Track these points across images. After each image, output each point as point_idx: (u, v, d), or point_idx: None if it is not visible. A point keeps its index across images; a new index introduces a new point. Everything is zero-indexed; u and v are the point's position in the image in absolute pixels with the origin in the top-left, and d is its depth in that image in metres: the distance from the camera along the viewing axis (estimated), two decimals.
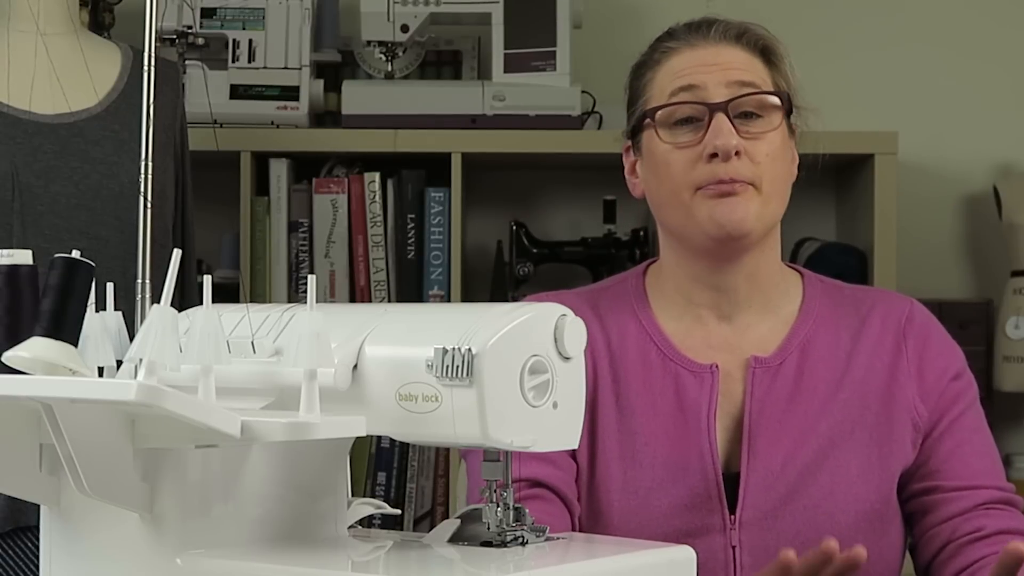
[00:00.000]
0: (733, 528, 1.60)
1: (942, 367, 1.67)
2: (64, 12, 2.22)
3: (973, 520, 1.62)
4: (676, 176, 1.61)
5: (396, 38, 2.79)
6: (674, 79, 1.63)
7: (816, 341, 1.66)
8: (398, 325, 1.22)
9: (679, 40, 1.66)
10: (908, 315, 1.69)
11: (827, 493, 1.60)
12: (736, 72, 1.62)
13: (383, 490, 2.79)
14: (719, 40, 1.64)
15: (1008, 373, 2.87)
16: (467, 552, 1.21)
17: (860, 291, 1.75)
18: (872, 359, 1.65)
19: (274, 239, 2.79)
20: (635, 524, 1.60)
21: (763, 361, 1.64)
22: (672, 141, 1.62)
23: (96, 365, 1.22)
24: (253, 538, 1.22)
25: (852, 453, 1.62)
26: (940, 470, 1.64)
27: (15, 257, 1.21)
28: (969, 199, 3.08)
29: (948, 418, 1.65)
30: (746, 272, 1.65)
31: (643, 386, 1.64)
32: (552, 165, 2.99)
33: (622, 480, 1.62)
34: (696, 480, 1.60)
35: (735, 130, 1.59)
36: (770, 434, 1.62)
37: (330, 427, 1.14)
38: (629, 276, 1.74)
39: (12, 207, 2.08)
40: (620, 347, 1.66)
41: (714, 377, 1.63)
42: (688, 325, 1.67)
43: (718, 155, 1.58)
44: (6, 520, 2.07)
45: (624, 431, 1.63)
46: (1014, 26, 3.09)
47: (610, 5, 3.06)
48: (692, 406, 1.63)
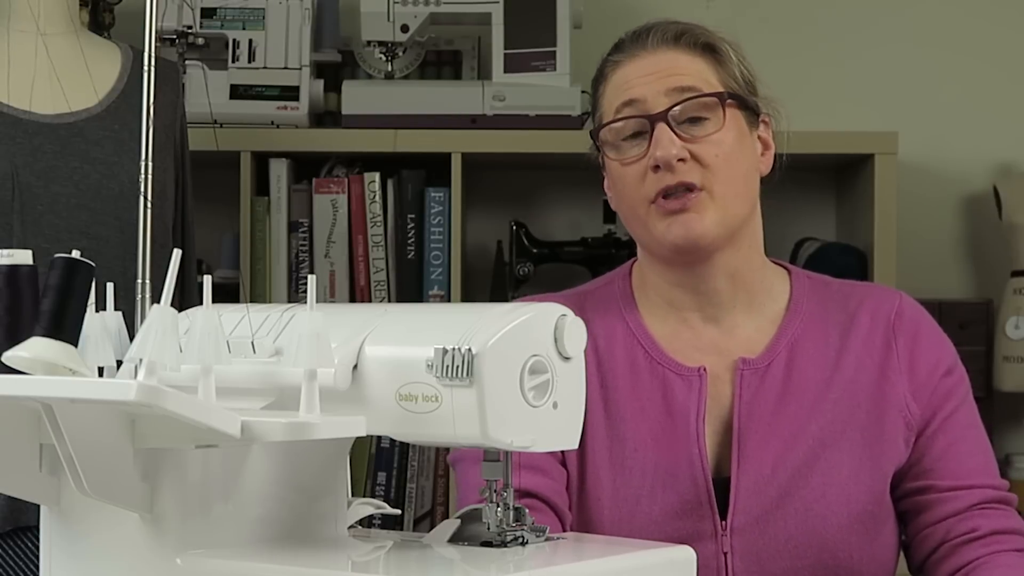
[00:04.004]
0: (725, 534, 1.58)
1: (933, 362, 1.65)
2: (64, 12, 2.22)
3: (967, 520, 1.61)
4: (630, 192, 1.61)
5: (396, 38, 2.79)
6: (618, 93, 1.63)
7: (804, 340, 1.65)
8: (398, 325, 1.22)
9: (623, 52, 1.65)
10: (897, 310, 1.67)
11: (819, 495, 1.59)
12: (675, 78, 1.60)
13: (383, 490, 2.78)
14: (658, 46, 1.63)
15: (1008, 373, 2.87)
16: (467, 552, 1.21)
17: (848, 286, 1.73)
18: (862, 357, 1.64)
19: (274, 239, 2.79)
20: (626, 531, 1.58)
21: (751, 363, 1.63)
22: (620, 158, 1.62)
23: (96, 365, 1.21)
24: (253, 538, 1.22)
25: (844, 453, 1.61)
26: (934, 469, 1.63)
27: (15, 257, 1.21)
28: (969, 199, 3.08)
29: (941, 415, 1.64)
30: (726, 272, 1.64)
31: (631, 390, 1.63)
32: (552, 165, 2.99)
33: (612, 488, 1.60)
34: (686, 486, 1.59)
35: (678, 137, 1.58)
36: (760, 437, 1.60)
37: (330, 427, 1.14)
38: (615, 277, 1.73)
39: (12, 207, 2.08)
40: (607, 350, 1.65)
41: (702, 380, 1.62)
42: (674, 327, 1.67)
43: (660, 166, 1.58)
44: (6, 520, 2.07)
45: (613, 437, 1.62)
46: (1014, 26, 3.09)
47: (610, 5, 3.06)
48: (680, 410, 1.61)
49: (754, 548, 1.58)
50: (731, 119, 1.61)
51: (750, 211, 1.64)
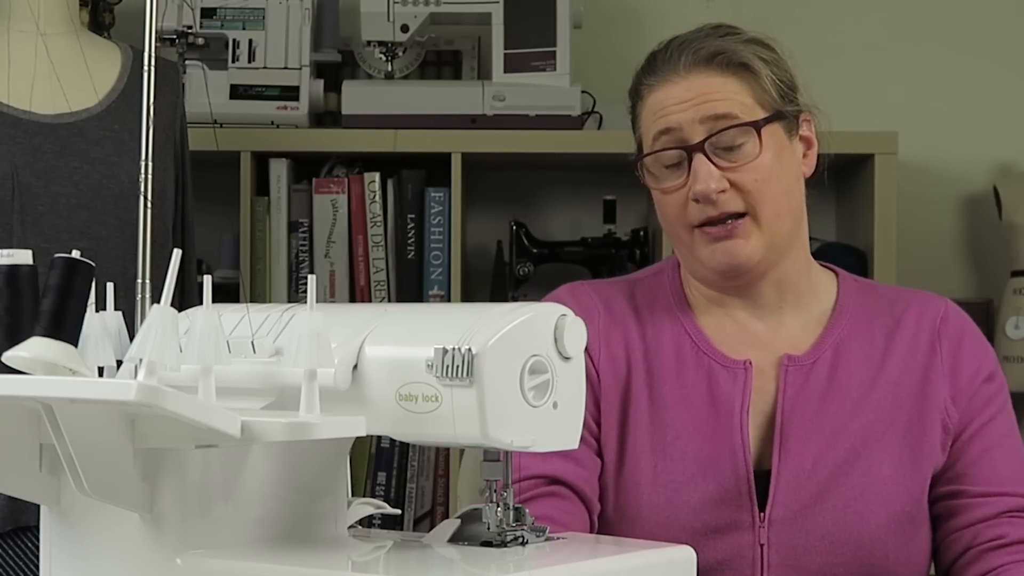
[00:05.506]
0: (762, 526, 1.59)
1: (975, 368, 1.66)
2: (64, 12, 2.22)
3: (995, 527, 1.61)
4: (671, 217, 1.63)
5: (396, 38, 2.79)
6: (655, 120, 1.63)
7: (850, 341, 1.66)
8: (398, 325, 1.22)
9: (656, 75, 1.64)
10: (943, 315, 1.68)
11: (858, 493, 1.60)
12: (710, 105, 1.60)
13: (383, 490, 2.79)
14: (691, 69, 1.62)
15: (1008, 373, 2.84)
16: (467, 552, 1.21)
17: (895, 291, 1.75)
18: (907, 359, 1.65)
19: (274, 239, 2.79)
20: (664, 518, 1.60)
21: (796, 359, 1.65)
22: (661, 187, 1.63)
23: (96, 365, 1.21)
24: (253, 538, 1.22)
25: (885, 453, 1.62)
26: (966, 474, 1.64)
27: (15, 257, 1.21)
28: (969, 199, 3.09)
29: (978, 421, 1.65)
30: (772, 280, 1.66)
31: (676, 379, 1.65)
32: (552, 165, 2.99)
33: (652, 473, 1.61)
34: (727, 476, 1.60)
35: (716, 167, 1.58)
36: (802, 432, 1.62)
37: (330, 427, 1.14)
38: (665, 268, 1.74)
39: (12, 207, 2.08)
40: (655, 340, 1.67)
41: (747, 373, 1.63)
42: (721, 321, 1.68)
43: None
44: (6, 520, 2.07)
45: (656, 424, 1.63)
46: (1014, 26, 3.09)
47: (610, 5, 3.06)
48: (725, 402, 1.63)
49: (791, 542, 1.59)
50: (768, 138, 1.61)
51: (796, 223, 1.65)
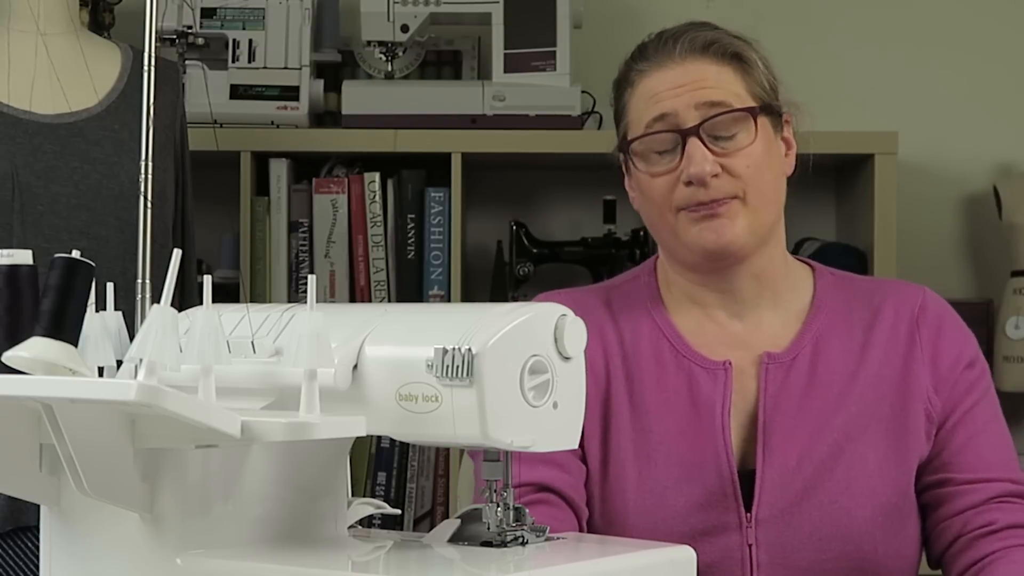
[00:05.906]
0: (749, 526, 1.59)
1: (955, 355, 1.66)
2: (64, 12, 2.22)
3: (985, 513, 1.61)
4: (658, 200, 1.63)
5: (396, 38, 2.79)
6: (648, 106, 1.63)
7: (829, 335, 1.66)
8: (398, 325, 1.22)
9: (649, 61, 1.65)
10: (921, 304, 1.68)
11: (844, 488, 1.60)
12: (705, 91, 1.61)
13: (383, 490, 2.79)
14: (686, 55, 1.62)
15: (1008, 373, 2.87)
16: (467, 552, 1.21)
17: (871, 282, 1.75)
18: (886, 351, 1.65)
19: (274, 239, 2.79)
20: (651, 524, 1.60)
21: (776, 357, 1.65)
22: (650, 170, 1.63)
23: (96, 365, 1.21)
24: (253, 538, 1.22)
25: (869, 447, 1.62)
26: (953, 462, 1.64)
27: (15, 257, 1.21)
28: (969, 199, 3.08)
29: (962, 408, 1.65)
30: (750, 273, 1.66)
31: (656, 384, 1.65)
32: (552, 165, 2.99)
33: (637, 480, 1.61)
34: (711, 478, 1.60)
35: (710, 151, 1.59)
36: (785, 430, 1.62)
37: (330, 427, 1.14)
38: (641, 272, 1.74)
39: (12, 207, 2.08)
40: (633, 344, 1.67)
41: (727, 374, 1.63)
42: (700, 322, 1.68)
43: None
44: (6, 520, 2.07)
45: (638, 430, 1.63)
46: (1014, 26, 3.09)
47: (610, 5, 3.06)
48: (706, 403, 1.63)
49: (779, 540, 1.59)
50: (760, 129, 1.62)
51: (777, 217, 1.66)
